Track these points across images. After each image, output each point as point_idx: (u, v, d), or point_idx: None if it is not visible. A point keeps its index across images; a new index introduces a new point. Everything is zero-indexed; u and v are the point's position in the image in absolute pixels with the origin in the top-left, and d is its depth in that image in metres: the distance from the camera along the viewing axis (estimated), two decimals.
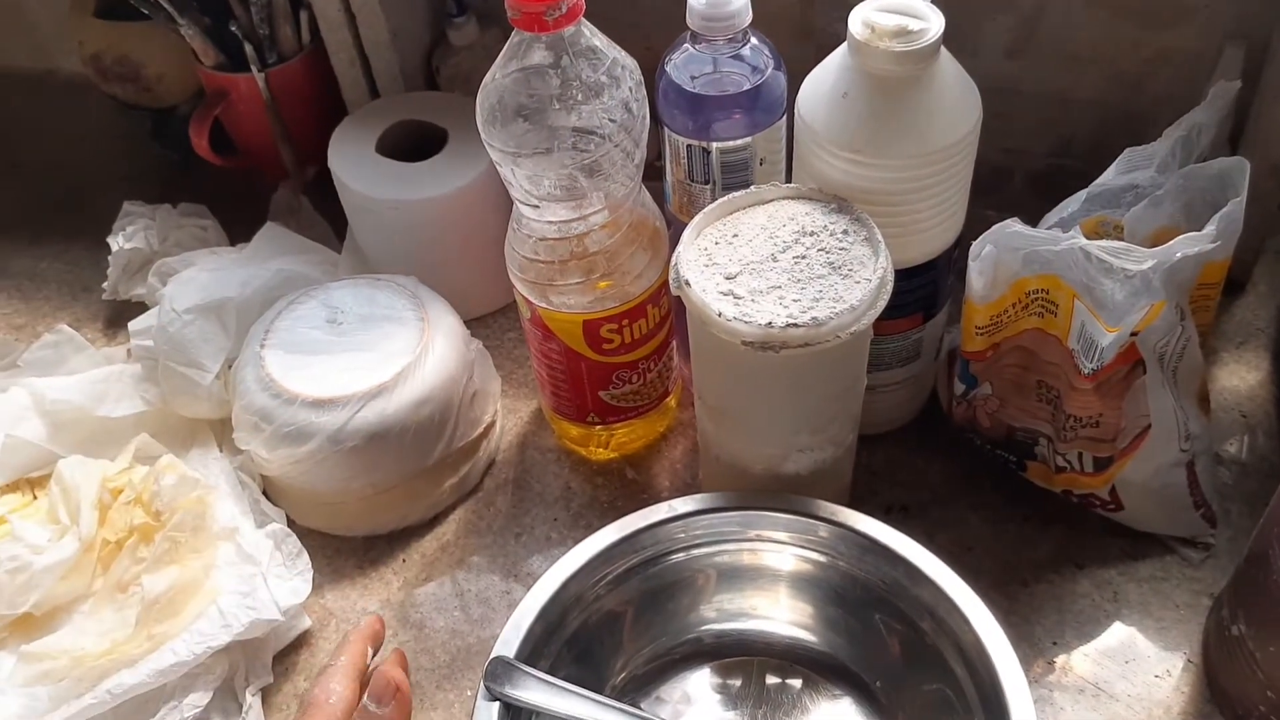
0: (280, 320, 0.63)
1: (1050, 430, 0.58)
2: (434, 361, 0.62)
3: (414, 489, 0.63)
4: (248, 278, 0.68)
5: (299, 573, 0.60)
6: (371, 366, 0.61)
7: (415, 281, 0.66)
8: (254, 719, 0.56)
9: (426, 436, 0.62)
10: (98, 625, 0.57)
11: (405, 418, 0.60)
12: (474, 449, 0.66)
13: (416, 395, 0.60)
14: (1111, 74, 0.70)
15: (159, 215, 0.79)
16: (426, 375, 0.61)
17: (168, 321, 0.65)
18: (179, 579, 0.56)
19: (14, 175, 0.92)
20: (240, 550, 0.59)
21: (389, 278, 0.66)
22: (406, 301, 0.64)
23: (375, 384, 0.60)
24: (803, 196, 0.54)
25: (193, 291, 0.67)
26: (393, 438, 0.60)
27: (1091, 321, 0.51)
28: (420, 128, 0.72)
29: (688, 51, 0.57)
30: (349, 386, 0.60)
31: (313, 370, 0.61)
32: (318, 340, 0.62)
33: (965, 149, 0.53)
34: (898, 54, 0.50)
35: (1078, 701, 0.55)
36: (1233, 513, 0.61)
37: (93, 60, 0.83)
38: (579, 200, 0.54)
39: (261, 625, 0.56)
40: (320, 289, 0.65)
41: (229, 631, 0.55)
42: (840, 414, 0.55)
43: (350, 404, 0.59)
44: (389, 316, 0.63)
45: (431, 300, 0.65)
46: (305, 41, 0.78)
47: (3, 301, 0.82)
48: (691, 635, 0.57)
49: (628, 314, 0.59)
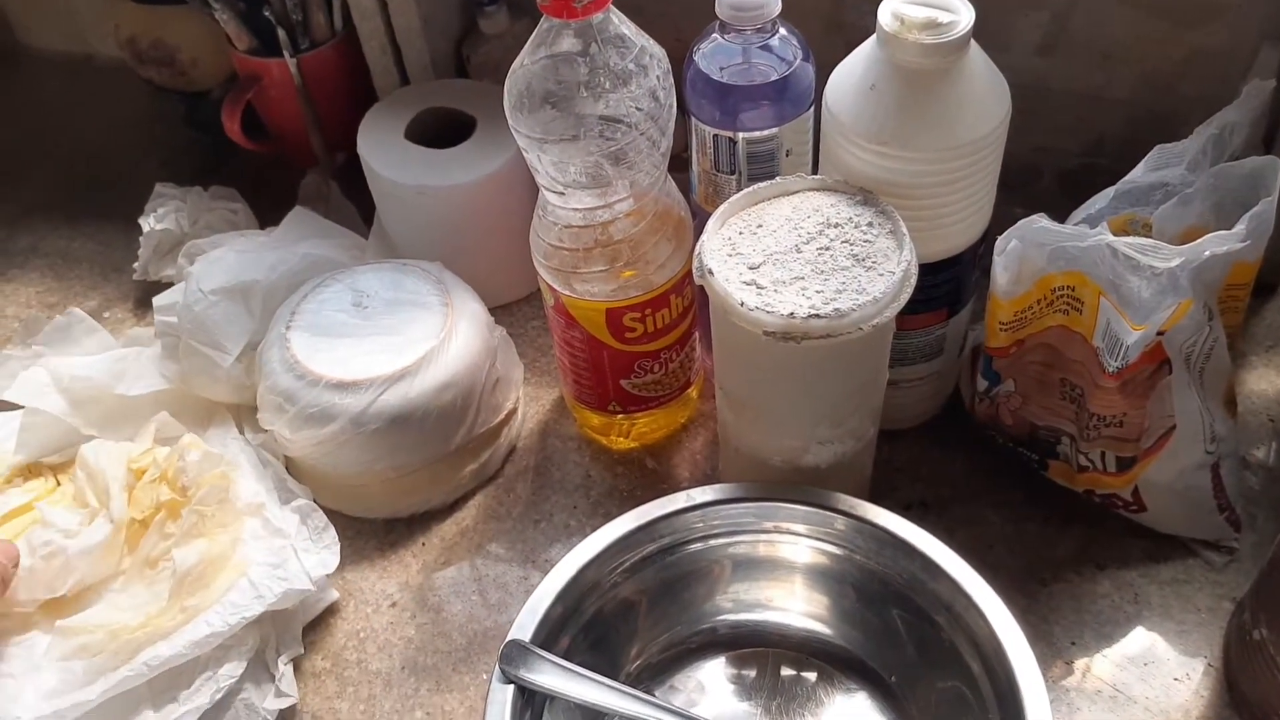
0: (306, 302, 0.64)
1: (1073, 429, 0.58)
2: (457, 347, 0.62)
3: (435, 473, 0.64)
4: (275, 261, 0.69)
5: (326, 546, 0.60)
6: (396, 350, 0.61)
7: (440, 267, 0.66)
8: (286, 687, 0.57)
9: (448, 421, 0.62)
10: (130, 600, 0.58)
11: (428, 402, 0.60)
12: (495, 435, 0.66)
13: (439, 380, 0.61)
14: (1143, 73, 0.69)
15: (190, 198, 0.80)
16: (450, 360, 0.61)
17: (193, 300, 0.66)
18: (208, 552, 0.57)
19: (50, 156, 0.94)
20: (268, 524, 0.60)
21: (415, 263, 0.67)
22: (432, 287, 0.65)
23: (399, 368, 0.60)
24: (828, 188, 0.54)
25: (219, 272, 0.67)
26: (415, 421, 0.60)
27: (1117, 319, 0.51)
28: (449, 115, 0.73)
29: (716, 41, 0.57)
30: (373, 370, 0.60)
31: (337, 353, 0.61)
32: (343, 323, 0.63)
33: (993, 144, 0.53)
34: (926, 46, 0.49)
35: (1095, 703, 0.54)
36: (1259, 518, 0.60)
37: (128, 44, 0.84)
38: (604, 188, 0.54)
39: (293, 595, 0.57)
40: (346, 273, 0.66)
41: (261, 602, 0.56)
42: (861, 407, 0.55)
43: (374, 387, 0.60)
44: (414, 301, 0.64)
45: (456, 286, 0.65)
46: (337, 28, 0.78)
47: (36, 280, 0.83)
48: (707, 625, 0.57)
49: (651, 303, 0.59)
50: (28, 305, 0.81)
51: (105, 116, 0.96)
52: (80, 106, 0.98)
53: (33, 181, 0.92)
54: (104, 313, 0.80)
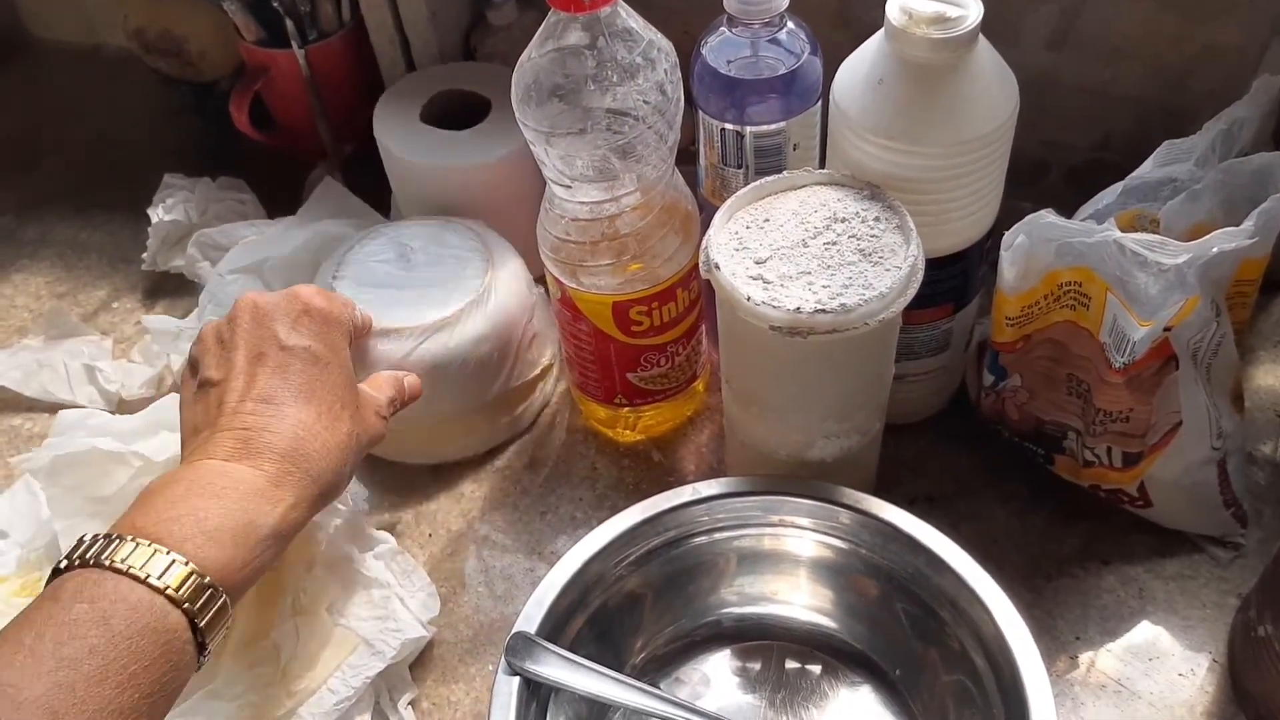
0: (353, 254, 0.66)
1: (1079, 424, 0.58)
2: (497, 301, 0.64)
3: (471, 424, 0.66)
4: (291, 238, 0.71)
5: (420, 588, 0.58)
6: (437, 302, 0.63)
7: (483, 225, 0.68)
8: None
9: (486, 372, 0.64)
10: (230, 690, 0.53)
11: (466, 352, 0.62)
12: (530, 390, 0.68)
13: (479, 332, 0.63)
14: (1153, 68, 0.69)
15: (198, 188, 0.80)
16: (489, 313, 0.63)
17: (215, 286, 0.70)
18: (307, 626, 0.54)
19: (59, 147, 0.94)
20: (360, 576, 0.57)
21: (458, 220, 0.68)
22: (474, 243, 0.66)
23: (439, 318, 0.62)
24: (835, 183, 0.54)
25: (236, 255, 0.72)
26: (454, 370, 0.62)
27: (1124, 315, 0.51)
28: (463, 97, 0.74)
29: (724, 34, 0.57)
30: (414, 319, 0.62)
31: (381, 302, 0.63)
32: (388, 274, 0.65)
33: (1001, 139, 0.53)
34: (935, 41, 0.49)
35: (1099, 698, 0.54)
36: (1265, 514, 0.60)
37: (137, 35, 0.84)
38: (611, 182, 0.54)
39: (410, 645, 0.56)
40: (392, 227, 0.68)
41: (382, 659, 0.55)
42: (867, 402, 0.55)
43: (414, 335, 0.61)
44: (456, 256, 0.65)
45: (498, 244, 0.67)
46: (346, 19, 0.78)
47: (46, 270, 0.83)
48: (711, 618, 0.57)
49: (657, 297, 0.59)
50: (38, 296, 0.81)
51: (114, 107, 0.96)
52: (89, 97, 0.98)
53: (42, 172, 0.92)
54: (113, 303, 0.80)
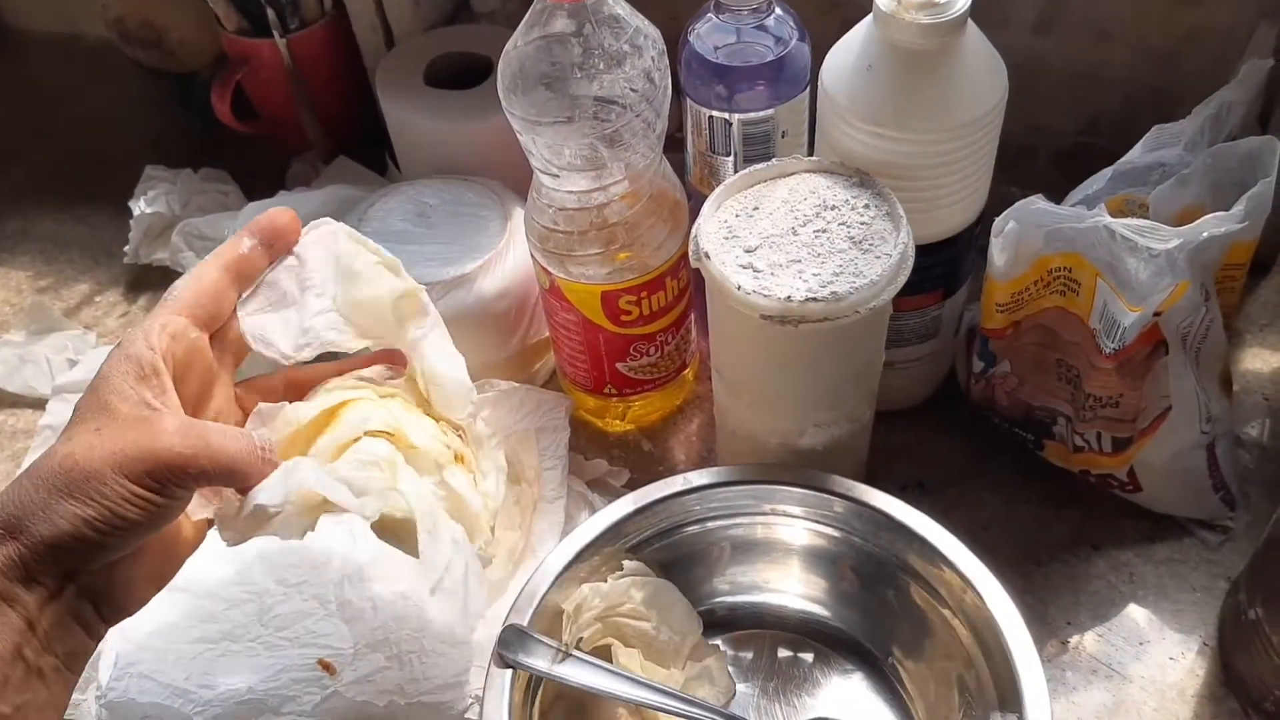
0: (373, 210, 0.66)
1: (1069, 410, 0.58)
2: (514, 258, 0.64)
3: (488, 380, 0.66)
4: (309, 199, 0.71)
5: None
6: (455, 258, 0.63)
7: (501, 185, 0.68)
8: None
9: (503, 328, 0.65)
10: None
11: (484, 308, 0.63)
12: (546, 348, 0.69)
13: (496, 288, 0.63)
14: (1141, 51, 0.69)
15: (180, 180, 0.79)
16: (507, 270, 0.64)
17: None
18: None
19: (39, 139, 0.93)
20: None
21: (476, 179, 0.68)
22: (492, 201, 0.67)
23: (458, 274, 0.62)
24: (825, 170, 0.53)
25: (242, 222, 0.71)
26: (472, 325, 0.62)
27: (1114, 301, 0.51)
28: (464, 58, 0.74)
29: (711, 21, 0.57)
30: (433, 275, 0.62)
31: (400, 258, 0.62)
32: (407, 231, 0.65)
33: (990, 124, 0.52)
34: (923, 26, 0.49)
35: (1090, 681, 0.55)
36: (1252, 496, 0.60)
37: (116, 24, 0.83)
38: (599, 170, 0.53)
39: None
40: (411, 185, 0.68)
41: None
42: (858, 390, 0.55)
43: (432, 291, 0.60)
44: (475, 214, 0.66)
45: (515, 203, 0.67)
46: (327, 7, 0.78)
47: (27, 263, 0.82)
48: (704, 607, 0.57)
49: (646, 286, 0.59)
50: (19, 290, 0.80)
51: (94, 98, 0.95)
52: (69, 88, 0.97)
53: (22, 164, 0.91)
54: (95, 296, 0.79)
